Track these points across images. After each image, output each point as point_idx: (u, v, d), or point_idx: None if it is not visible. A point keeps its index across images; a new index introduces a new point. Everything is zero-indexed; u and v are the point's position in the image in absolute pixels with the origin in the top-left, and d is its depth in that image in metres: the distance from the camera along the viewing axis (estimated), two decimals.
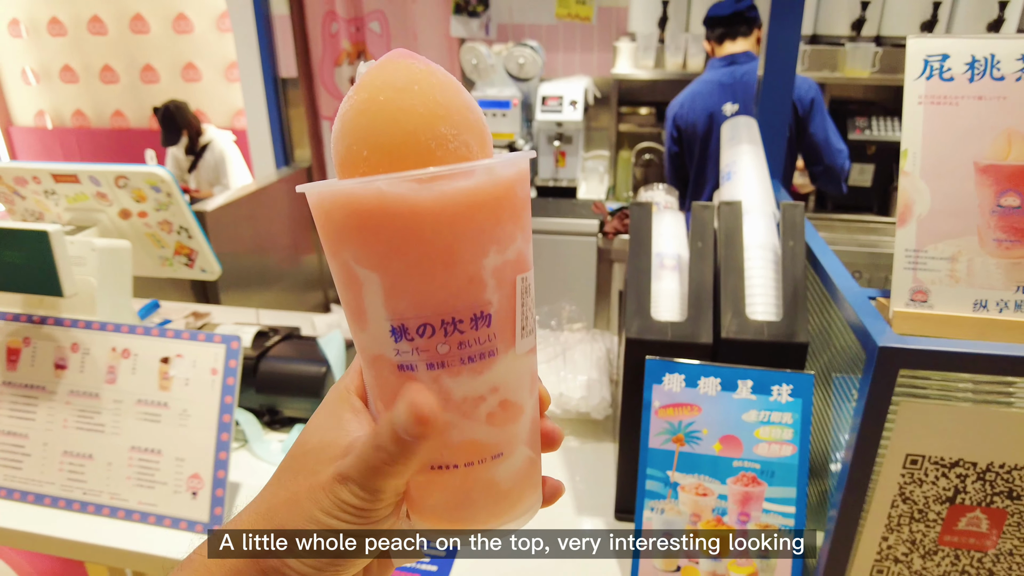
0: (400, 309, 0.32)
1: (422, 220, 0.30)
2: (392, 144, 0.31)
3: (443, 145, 0.31)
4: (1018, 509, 0.73)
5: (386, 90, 0.31)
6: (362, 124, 0.32)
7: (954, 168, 0.71)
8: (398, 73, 0.32)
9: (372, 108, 0.31)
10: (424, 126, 0.31)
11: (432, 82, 0.32)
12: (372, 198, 0.30)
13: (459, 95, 0.33)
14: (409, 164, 0.31)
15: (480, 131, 0.34)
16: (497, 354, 0.34)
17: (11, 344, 1.09)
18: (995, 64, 0.71)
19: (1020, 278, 0.70)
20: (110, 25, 3.81)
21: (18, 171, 1.14)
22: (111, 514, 1.03)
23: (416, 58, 0.33)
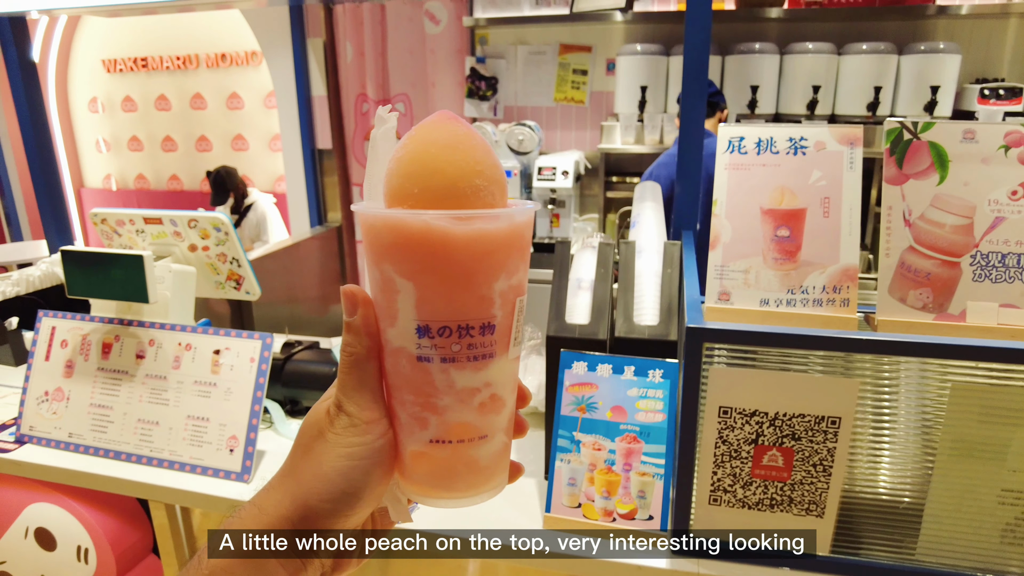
0: (426, 313, 0.41)
1: (455, 248, 0.39)
2: (438, 188, 0.40)
3: (476, 192, 0.40)
4: (800, 448, 1.05)
5: (436, 145, 0.40)
6: (415, 170, 0.40)
7: (746, 211, 1.07)
8: (446, 133, 0.41)
9: (424, 158, 0.40)
10: (463, 177, 0.40)
11: (471, 143, 0.41)
12: (419, 226, 0.39)
13: (490, 155, 0.42)
14: (448, 204, 0.39)
15: (502, 184, 0.43)
16: (495, 356, 0.42)
17: (106, 340, 1.48)
18: (772, 144, 1.08)
19: (789, 284, 1.05)
20: (174, 102, 4.40)
21: (119, 216, 1.56)
22: (169, 466, 1.38)
23: (459, 121, 0.42)
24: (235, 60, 4.12)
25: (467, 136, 0.41)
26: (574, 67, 3.33)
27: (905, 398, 1.12)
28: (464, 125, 0.42)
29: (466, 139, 0.41)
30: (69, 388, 1.50)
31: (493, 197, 0.41)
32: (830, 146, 1.10)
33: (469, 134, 0.42)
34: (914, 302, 1.05)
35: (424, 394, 0.42)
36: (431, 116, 0.43)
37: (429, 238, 0.39)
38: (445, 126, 0.42)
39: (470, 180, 0.40)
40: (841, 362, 1.12)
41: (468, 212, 0.39)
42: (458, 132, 0.41)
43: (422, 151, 0.40)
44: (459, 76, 3.42)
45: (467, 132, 0.42)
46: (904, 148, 1.05)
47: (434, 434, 0.43)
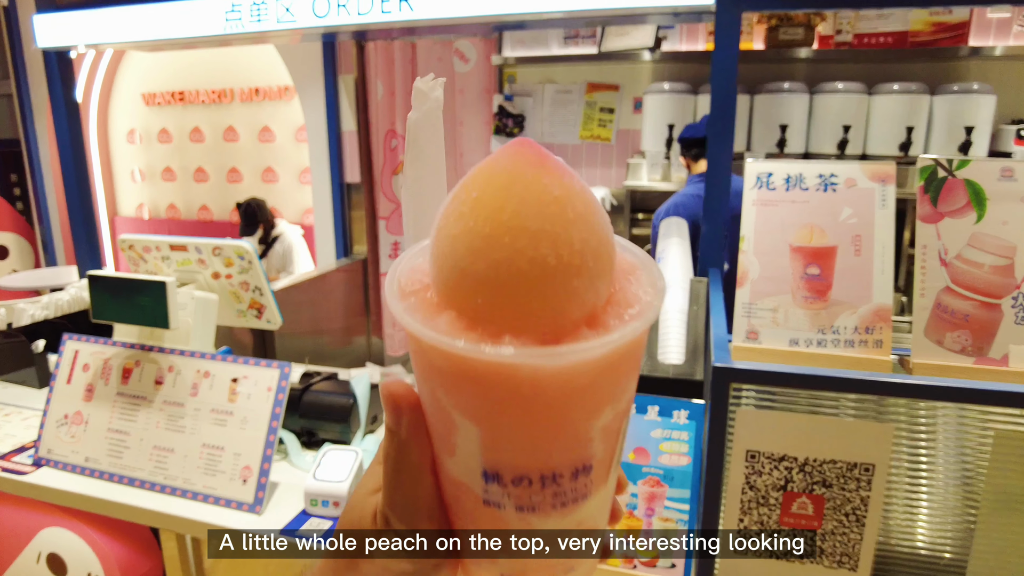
0: (497, 460, 0.31)
1: (541, 389, 0.29)
2: (515, 301, 0.28)
3: (573, 299, 0.29)
4: (832, 495, 1.00)
5: (515, 230, 0.28)
6: (481, 269, 0.29)
7: (775, 248, 1.04)
8: (532, 203, 0.29)
9: (496, 250, 0.28)
10: (556, 284, 0.28)
11: (570, 217, 0.29)
12: (491, 365, 0.28)
13: (596, 228, 0.30)
14: (530, 322, 0.29)
15: (610, 263, 0.31)
16: (589, 496, 0.33)
17: (127, 365, 1.48)
18: (802, 180, 1.05)
19: (819, 323, 1.01)
20: (207, 135, 4.52)
21: (146, 242, 1.58)
22: (183, 495, 1.37)
23: (551, 172, 0.30)
24: (268, 95, 4.23)
25: (564, 204, 0.29)
26: (601, 105, 3.35)
27: (943, 446, 1.07)
28: (558, 176, 0.30)
29: (562, 210, 0.29)
30: (88, 412, 1.50)
31: (598, 294, 0.30)
32: (861, 183, 1.07)
33: (567, 198, 0.29)
34: (952, 345, 1.01)
35: (494, 534, 0.34)
36: (502, 154, 0.31)
37: (502, 375, 0.29)
38: (527, 180, 0.29)
39: (566, 285, 0.28)
40: (874, 406, 1.08)
41: (566, 349, 0.28)
42: (549, 197, 0.29)
43: (492, 233, 0.29)
44: (486, 114, 3.46)
45: (563, 195, 0.29)
46: (939, 186, 1.02)
47: (507, 570, 0.35)
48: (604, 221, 0.31)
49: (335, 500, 1.28)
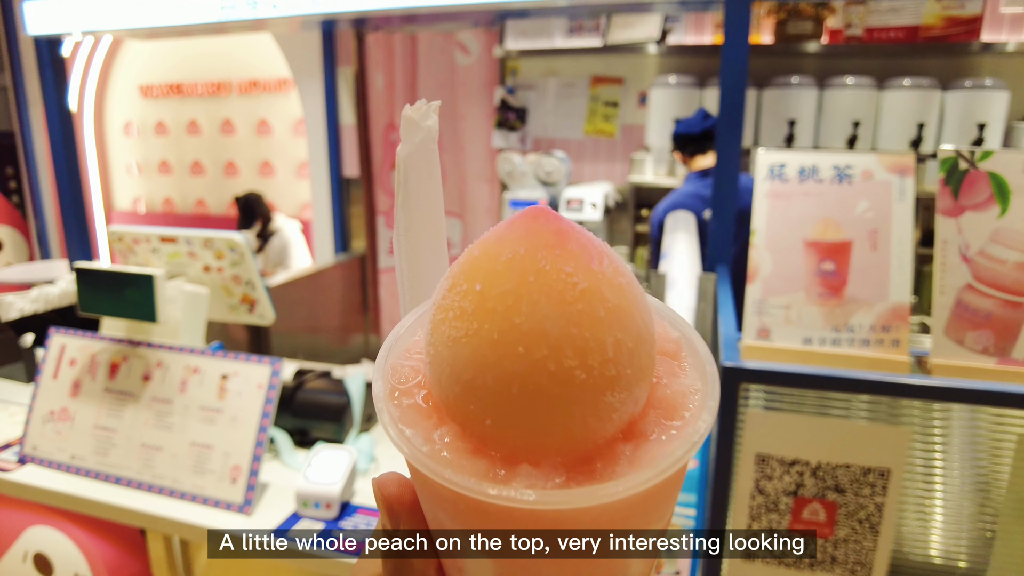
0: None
1: (567, 528, 0.25)
2: (533, 424, 0.24)
3: (608, 417, 0.24)
4: (845, 501, 0.95)
5: (531, 336, 0.23)
6: (489, 384, 0.24)
7: (788, 243, 1.00)
8: (552, 299, 0.23)
9: (507, 362, 0.23)
10: (585, 401, 0.24)
11: (601, 316, 0.24)
12: (510, 512, 0.24)
13: (634, 322, 0.25)
14: (553, 446, 0.24)
15: (652, 362, 0.26)
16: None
17: (114, 360, 1.44)
18: (816, 171, 1.01)
19: (834, 322, 0.97)
20: (205, 128, 4.47)
21: (135, 234, 1.53)
22: (171, 494, 1.32)
23: (575, 255, 0.24)
24: (266, 87, 4.17)
25: (592, 291, 0.24)
26: (605, 99, 3.29)
27: (960, 450, 1.02)
28: (582, 257, 0.24)
29: (592, 298, 0.24)
30: (75, 408, 1.45)
31: (636, 403, 0.25)
32: (878, 175, 1.02)
33: (594, 284, 0.24)
34: (973, 344, 0.96)
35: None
36: (510, 230, 0.25)
37: (523, 520, 0.24)
38: (545, 268, 0.24)
39: (597, 400, 0.24)
40: (886, 408, 1.03)
41: (601, 490, 0.23)
42: (573, 283, 0.24)
43: (503, 340, 0.23)
44: (488, 108, 3.41)
45: (593, 287, 0.24)
46: (960, 178, 0.97)
47: None
48: (642, 307, 0.26)
49: (327, 502, 1.24)
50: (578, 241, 0.25)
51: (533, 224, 0.25)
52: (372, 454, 1.44)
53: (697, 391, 0.27)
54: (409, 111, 0.31)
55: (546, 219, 0.25)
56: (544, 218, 0.25)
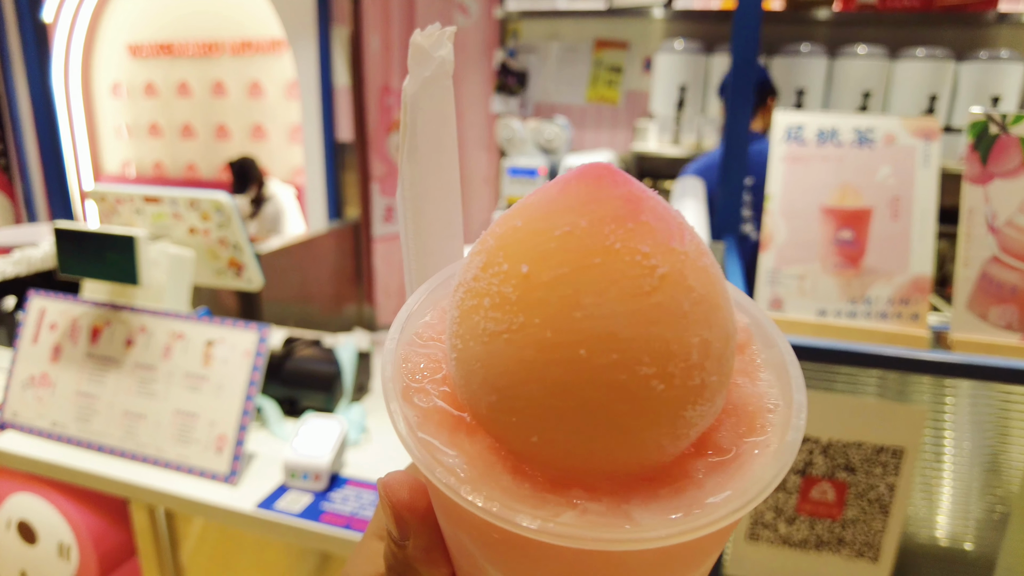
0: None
1: (623, 569, 0.21)
2: (593, 446, 0.19)
3: (684, 434, 0.20)
4: (855, 481, 0.91)
5: (596, 338, 0.18)
6: (537, 396, 0.19)
7: (804, 210, 0.94)
8: (623, 290, 0.19)
9: (563, 369, 0.19)
10: (662, 418, 0.19)
11: (685, 310, 0.19)
12: (560, 548, 0.19)
13: (719, 316, 0.20)
14: (614, 469, 0.20)
15: (733, 361, 0.21)
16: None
17: (96, 324, 1.38)
18: (835, 134, 0.95)
19: (851, 293, 0.91)
20: (195, 90, 4.35)
21: (118, 194, 1.46)
22: (154, 463, 1.28)
23: (652, 231, 0.19)
24: (258, 48, 4.06)
25: (674, 276, 0.19)
26: (609, 64, 3.20)
27: (977, 430, 0.98)
28: (660, 234, 0.19)
29: (674, 287, 0.19)
30: (56, 374, 1.40)
31: (716, 410, 0.21)
32: (901, 139, 0.96)
33: (676, 269, 0.19)
34: (996, 320, 0.91)
35: None
36: (565, 192, 0.20)
37: (571, 559, 0.20)
38: (614, 248, 0.19)
39: (674, 419, 0.19)
40: (896, 384, 0.98)
41: (672, 528, 0.18)
42: (651, 268, 0.19)
43: (558, 341, 0.19)
44: (487, 71, 3.31)
45: (672, 264, 0.19)
46: (989, 143, 0.92)
47: None
48: (726, 295, 0.21)
49: (316, 474, 1.19)
50: (654, 211, 0.20)
51: (596, 188, 0.20)
52: (363, 425, 1.39)
53: (779, 396, 0.22)
54: (419, 37, 0.26)
55: (612, 181, 0.20)
56: (610, 180, 0.20)
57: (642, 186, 0.21)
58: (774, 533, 0.96)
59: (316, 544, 1.12)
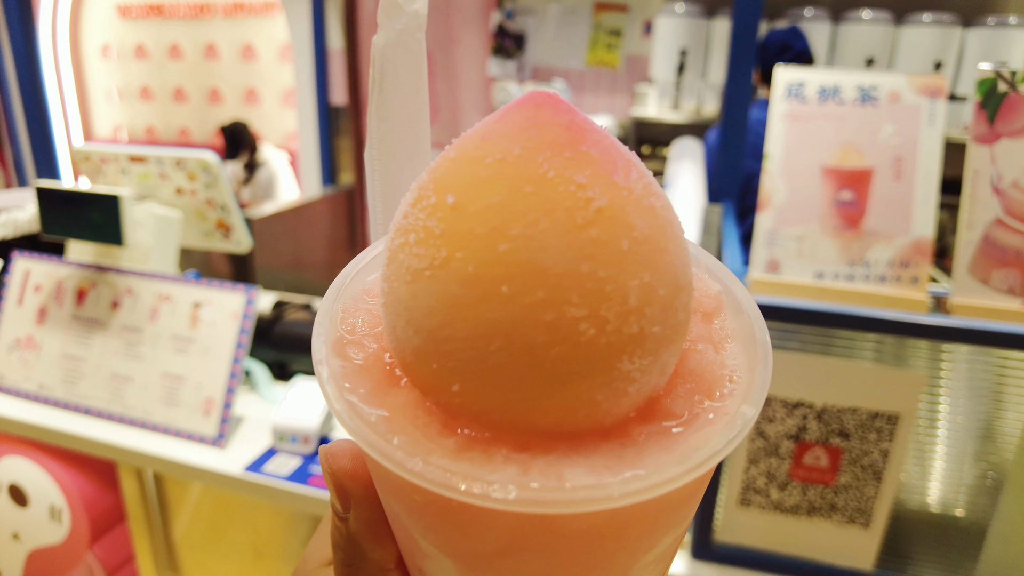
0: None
1: (558, 535, 0.19)
2: (519, 396, 0.18)
3: (620, 392, 0.18)
4: (850, 447, 0.90)
5: (522, 272, 0.17)
6: (459, 337, 0.18)
7: (804, 169, 0.91)
8: (556, 220, 0.17)
9: (486, 307, 0.17)
10: (593, 367, 0.17)
11: (626, 252, 0.17)
12: (486, 511, 0.18)
13: (667, 260, 0.18)
14: (543, 425, 0.18)
15: (687, 318, 0.20)
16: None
17: (82, 286, 1.36)
18: (838, 92, 0.91)
19: (849, 256, 0.89)
20: (187, 52, 4.27)
21: (103, 153, 1.43)
22: (141, 426, 1.26)
23: (593, 160, 0.18)
24: (251, 9, 3.96)
25: (614, 210, 0.17)
26: (608, 28, 3.13)
27: (973, 396, 0.97)
28: (602, 164, 0.18)
29: (613, 222, 0.17)
30: (41, 336, 1.38)
31: (664, 370, 0.19)
32: (906, 97, 0.93)
33: (618, 202, 0.17)
34: (998, 284, 0.89)
35: None
36: (505, 119, 0.19)
37: (500, 523, 0.18)
38: (548, 175, 0.17)
39: (613, 363, 0.17)
40: (892, 348, 0.96)
41: (608, 491, 0.17)
42: (588, 198, 0.17)
43: (480, 275, 0.17)
44: (484, 33, 3.24)
45: (612, 196, 0.17)
46: (998, 101, 0.88)
47: None
48: (680, 242, 0.19)
49: (304, 436, 1.18)
50: (598, 143, 0.18)
51: (535, 115, 0.18)
52: None
53: (739, 364, 0.21)
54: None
55: (554, 109, 0.18)
56: (552, 108, 0.18)
57: (588, 118, 0.19)
58: (766, 499, 0.95)
59: (304, 507, 1.11)
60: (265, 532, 1.25)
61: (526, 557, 0.19)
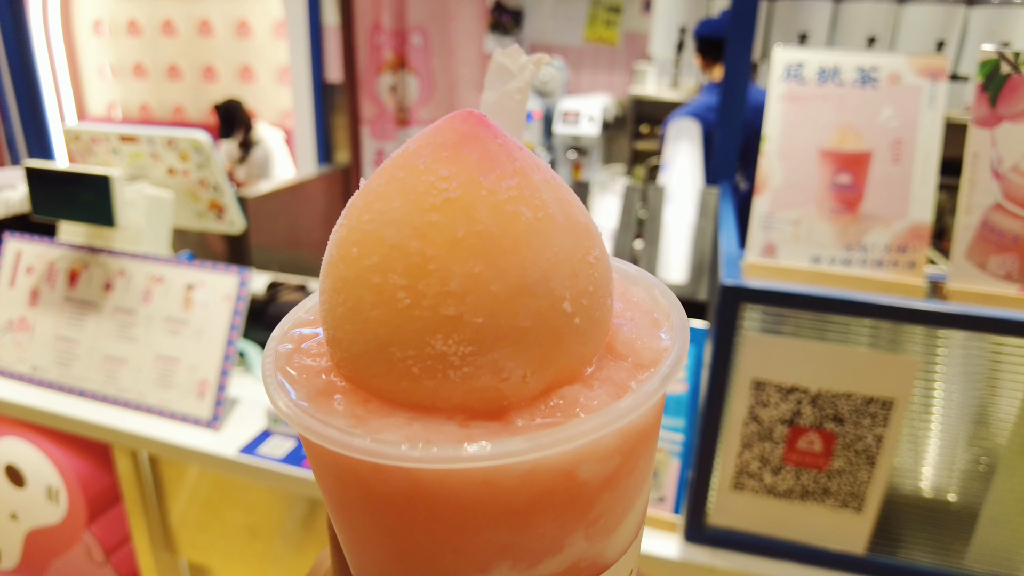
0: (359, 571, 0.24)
1: (420, 500, 0.19)
2: (357, 351, 0.20)
3: (438, 373, 0.19)
4: (843, 432, 0.90)
5: (369, 238, 0.20)
6: (326, 292, 0.21)
7: (802, 152, 0.90)
8: (407, 203, 0.20)
9: (343, 265, 0.20)
10: (404, 334, 0.19)
11: (459, 240, 0.19)
12: (384, 470, 0.19)
13: (515, 274, 0.19)
14: (382, 388, 0.20)
15: (535, 331, 0.20)
16: None
17: (74, 268, 1.35)
18: (837, 73, 0.90)
19: (847, 240, 0.88)
20: (181, 28, 4.20)
21: (94, 132, 1.41)
22: (136, 408, 1.26)
23: (469, 161, 0.20)
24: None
25: (463, 201, 0.19)
26: (607, 4, 3.08)
27: (967, 382, 0.97)
28: (466, 165, 0.20)
29: (457, 212, 0.19)
30: (34, 318, 1.38)
31: (497, 372, 0.19)
32: (906, 79, 0.91)
33: (468, 196, 0.19)
34: (995, 269, 0.88)
35: None
36: (431, 126, 0.21)
37: (402, 492, 0.19)
38: (417, 167, 0.20)
39: (422, 339, 0.19)
40: (888, 334, 0.96)
41: (508, 446, 0.18)
42: (437, 190, 0.19)
43: (346, 238, 0.21)
44: (481, 9, 3.20)
45: (466, 190, 0.19)
46: (1000, 84, 0.87)
47: None
48: (534, 253, 0.20)
49: None
50: (485, 150, 0.20)
51: (449, 124, 0.21)
52: None
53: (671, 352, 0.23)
54: (501, 57, 0.27)
55: (463, 121, 0.21)
56: (463, 120, 0.21)
57: (504, 138, 0.21)
58: (759, 483, 0.95)
59: (298, 489, 1.11)
60: (260, 513, 1.25)
61: (376, 522, 0.21)
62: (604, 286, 0.22)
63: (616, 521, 0.22)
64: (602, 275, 0.22)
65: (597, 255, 0.22)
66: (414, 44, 3.38)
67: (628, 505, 0.22)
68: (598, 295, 0.21)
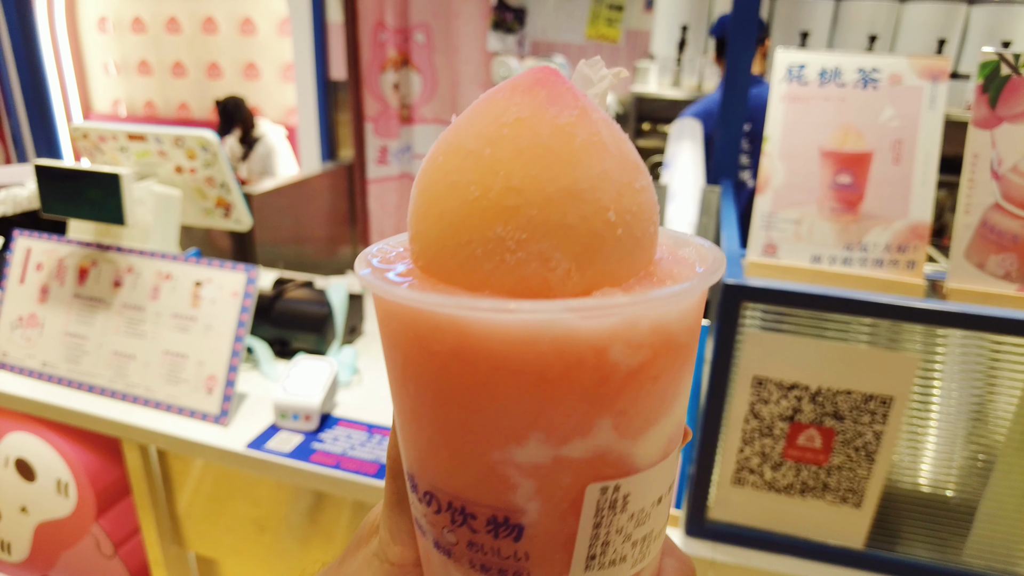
0: (409, 456, 0.26)
1: (456, 351, 0.22)
2: (450, 249, 0.23)
3: (498, 258, 0.22)
4: (843, 429, 0.91)
5: (454, 151, 0.24)
6: (418, 191, 0.25)
7: (803, 152, 0.91)
8: (482, 114, 0.24)
9: (427, 181, 0.25)
10: (474, 226, 0.22)
11: (515, 154, 0.22)
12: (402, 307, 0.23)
13: (558, 186, 0.22)
14: (464, 281, 0.23)
15: (574, 231, 0.22)
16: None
17: (83, 265, 1.36)
18: (838, 74, 0.91)
19: (847, 239, 0.90)
20: (185, 25, 4.21)
21: (101, 131, 1.42)
22: (144, 403, 1.28)
23: (539, 96, 0.23)
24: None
25: (520, 131, 0.23)
26: (609, 2, 3.09)
27: (966, 380, 0.98)
28: (542, 105, 0.23)
29: (519, 133, 0.23)
30: (44, 314, 1.39)
31: (545, 261, 0.22)
32: (907, 80, 0.93)
33: (524, 124, 0.23)
34: (994, 269, 0.89)
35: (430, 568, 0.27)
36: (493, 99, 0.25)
37: (408, 327, 0.23)
38: (496, 99, 0.24)
39: (485, 228, 0.22)
40: (887, 332, 0.97)
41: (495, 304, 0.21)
42: (508, 112, 0.23)
43: (432, 156, 0.25)
44: (484, 7, 3.20)
45: (522, 121, 0.23)
46: (1000, 85, 0.88)
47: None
48: (584, 164, 0.23)
49: (306, 414, 1.20)
50: (554, 89, 0.24)
51: (528, 72, 0.25)
52: (354, 366, 1.39)
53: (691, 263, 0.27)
54: (585, 67, 0.29)
55: (540, 71, 0.24)
56: (540, 70, 0.24)
57: (576, 88, 0.24)
58: (759, 478, 0.97)
59: (306, 483, 1.13)
60: (267, 506, 1.27)
61: (427, 384, 0.24)
62: (647, 212, 0.24)
63: (642, 424, 0.23)
64: (646, 202, 0.24)
65: (643, 185, 0.24)
66: (417, 41, 3.39)
67: (655, 414, 0.24)
68: (641, 216, 0.24)
